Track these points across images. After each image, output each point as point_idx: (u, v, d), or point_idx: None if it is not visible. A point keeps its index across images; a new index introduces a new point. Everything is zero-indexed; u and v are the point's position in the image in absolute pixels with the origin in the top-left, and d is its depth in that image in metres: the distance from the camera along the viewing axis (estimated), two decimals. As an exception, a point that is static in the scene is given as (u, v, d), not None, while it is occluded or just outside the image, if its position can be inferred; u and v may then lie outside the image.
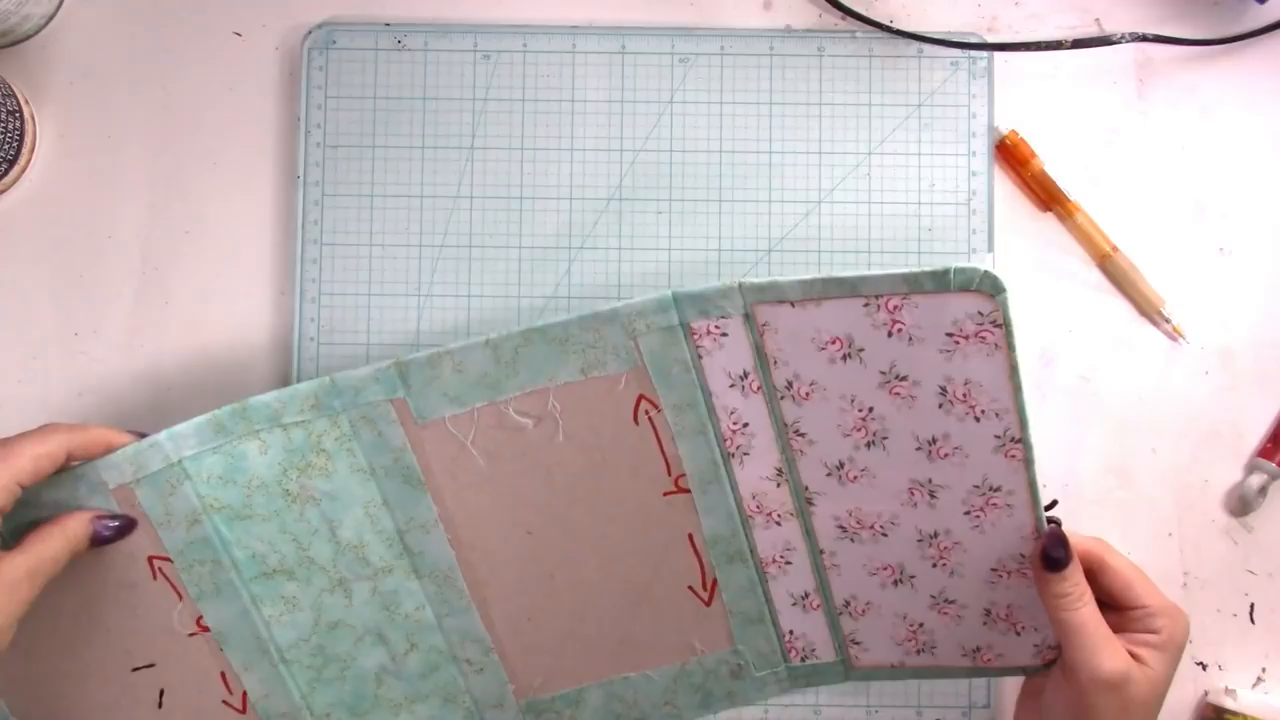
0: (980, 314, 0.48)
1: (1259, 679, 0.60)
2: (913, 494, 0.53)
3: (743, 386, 0.52)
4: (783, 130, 0.61)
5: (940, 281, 0.48)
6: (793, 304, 0.50)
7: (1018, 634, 0.55)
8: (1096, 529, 0.60)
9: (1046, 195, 0.61)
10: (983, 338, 0.49)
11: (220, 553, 0.53)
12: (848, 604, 0.56)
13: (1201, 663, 0.60)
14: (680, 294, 0.51)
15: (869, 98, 0.62)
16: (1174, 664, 0.51)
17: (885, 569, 0.55)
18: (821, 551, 0.55)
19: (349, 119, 0.62)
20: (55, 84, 0.62)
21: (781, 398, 0.52)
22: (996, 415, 0.50)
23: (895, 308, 0.49)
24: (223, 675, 0.55)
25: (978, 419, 0.50)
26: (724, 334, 0.52)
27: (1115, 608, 0.52)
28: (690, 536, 0.55)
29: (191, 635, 0.54)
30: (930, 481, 0.52)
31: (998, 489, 0.51)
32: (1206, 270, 0.62)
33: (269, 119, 0.62)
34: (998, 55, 0.62)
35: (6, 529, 0.50)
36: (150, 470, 0.52)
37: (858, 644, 0.57)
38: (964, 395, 0.50)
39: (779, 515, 0.55)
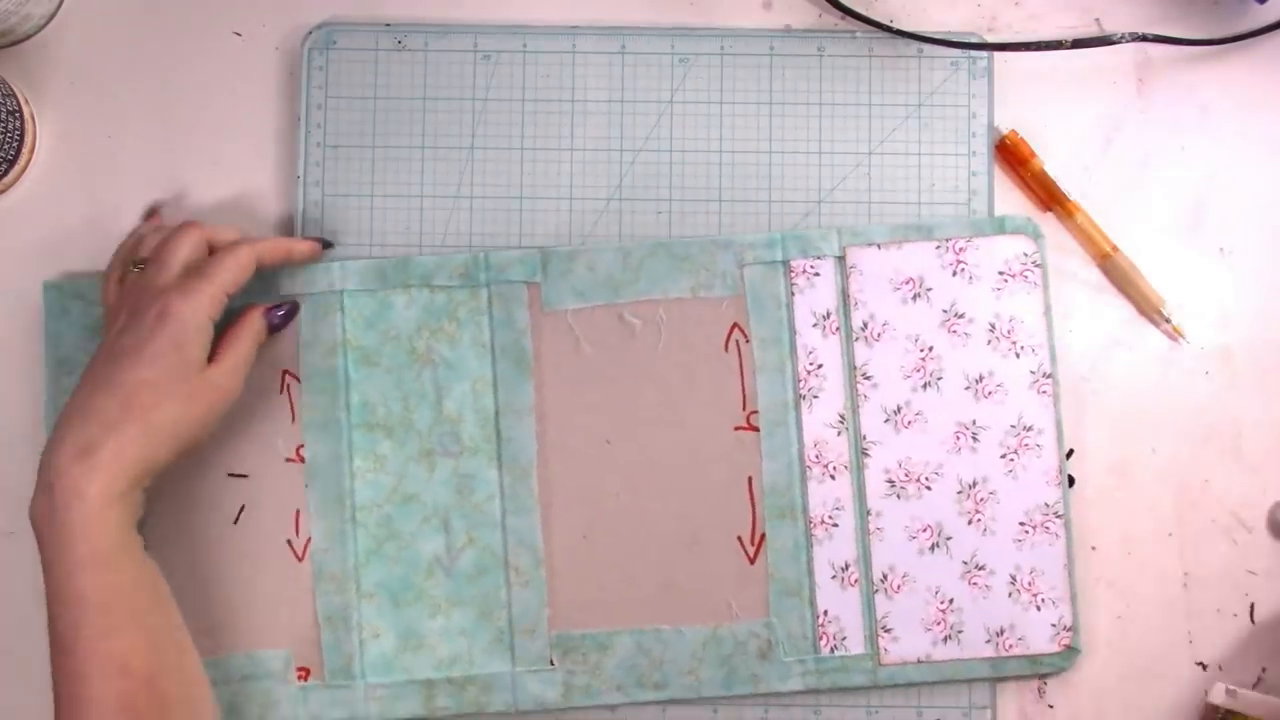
0: (1025, 255, 0.60)
1: (1259, 679, 0.60)
2: (958, 439, 0.59)
3: (824, 327, 0.60)
4: (783, 130, 0.61)
5: (997, 226, 0.60)
6: (879, 246, 0.60)
7: (1038, 609, 0.59)
8: (1097, 529, 0.60)
9: (1046, 195, 0.61)
10: (1025, 275, 0.60)
11: (340, 389, 0.59)
12: (885, 578, 0.59)
13: (1201, 663, 0.60)
14: (787, 234, 0.60)
15: (869, 98, 0.62)
16: None
17: (925, 530, 0.59)
18: (869, 512, 0.59)
19: (349, 119, 0.62)
20: (55, 84, 0.62)
21: (855, 339, 0.60)
22: (1033, 350, 0.60)
23: (960, 249, 0.60)
24: (297, 514, 0.59)
25: (1018, 355, 0.59)
26: (816, 274, 0.60)
27: None
28: (750, 480, 0.59)
29: (288, 460, 0.59)
30: (974, 423, 0.59)
31: (1030, 428, 0.59)
32: (1206, 270, 0.62)
33: (269, 119, 0.62)
34: (998, 55, 0.62)
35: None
36: (315, 290, 0.59)
37: (888, 632, 0.59)
38: (1008, 331, 0.59)
39: (835, 468, 0.59)
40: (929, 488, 0.59)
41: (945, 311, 0.59)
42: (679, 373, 0.60)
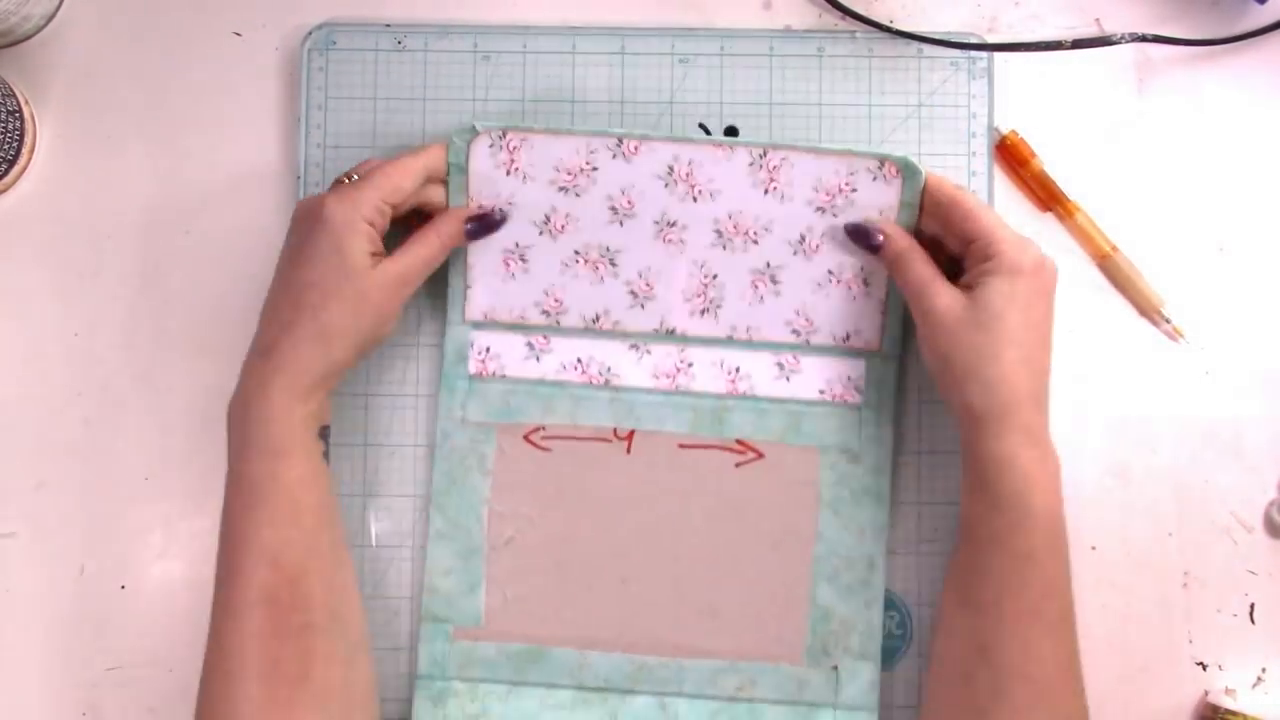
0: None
1: (1259, 679, 0.60)
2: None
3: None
4: (783, 130, 0.61)
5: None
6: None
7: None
8: (1096, 529, 0.60)
9: (1046, 195, 0.61)
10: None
11: None
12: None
13: (1201, 663, 0.60)
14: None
15: (869, 98, 0.62)
16: (1018, 283, 0.53)
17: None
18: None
19: (349, 119, 0.62)
20: (55, 84, 0.62)
21: None
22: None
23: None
24: None
25: None
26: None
27: (964, 242, 0.55)
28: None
29: None
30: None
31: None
32: (1206, 270, 0.62)
33: (269, 119, 0.62)
34: (998, 55, 0.62)
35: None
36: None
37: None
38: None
39: (678, 361, 0.60)
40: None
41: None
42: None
